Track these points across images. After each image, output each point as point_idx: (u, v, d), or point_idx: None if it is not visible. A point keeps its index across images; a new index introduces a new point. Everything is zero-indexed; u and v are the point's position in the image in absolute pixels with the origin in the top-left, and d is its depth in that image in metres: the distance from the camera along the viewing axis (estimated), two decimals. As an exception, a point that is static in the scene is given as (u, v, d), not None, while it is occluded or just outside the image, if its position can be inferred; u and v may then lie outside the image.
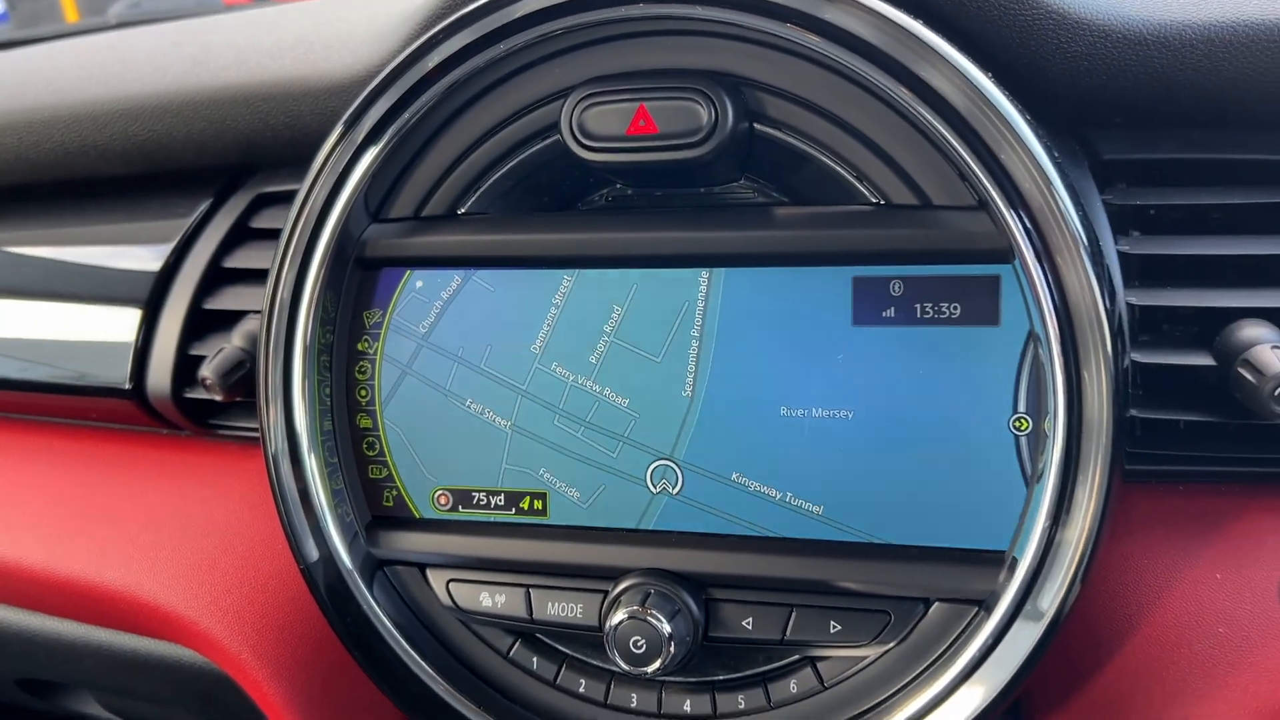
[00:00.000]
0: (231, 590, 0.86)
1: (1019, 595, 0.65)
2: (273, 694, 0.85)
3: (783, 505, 0.72)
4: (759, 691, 0.73)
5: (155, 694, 1.09)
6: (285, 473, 0.78)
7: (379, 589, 0.78)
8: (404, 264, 0.77)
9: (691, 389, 0.72)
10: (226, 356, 0.87)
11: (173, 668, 1.02)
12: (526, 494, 0.76)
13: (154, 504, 0.93)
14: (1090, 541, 0.63)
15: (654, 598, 0.70)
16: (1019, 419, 0.67)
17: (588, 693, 0.76)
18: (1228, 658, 0.67)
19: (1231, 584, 0.69)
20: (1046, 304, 0.63)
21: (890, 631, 0.69)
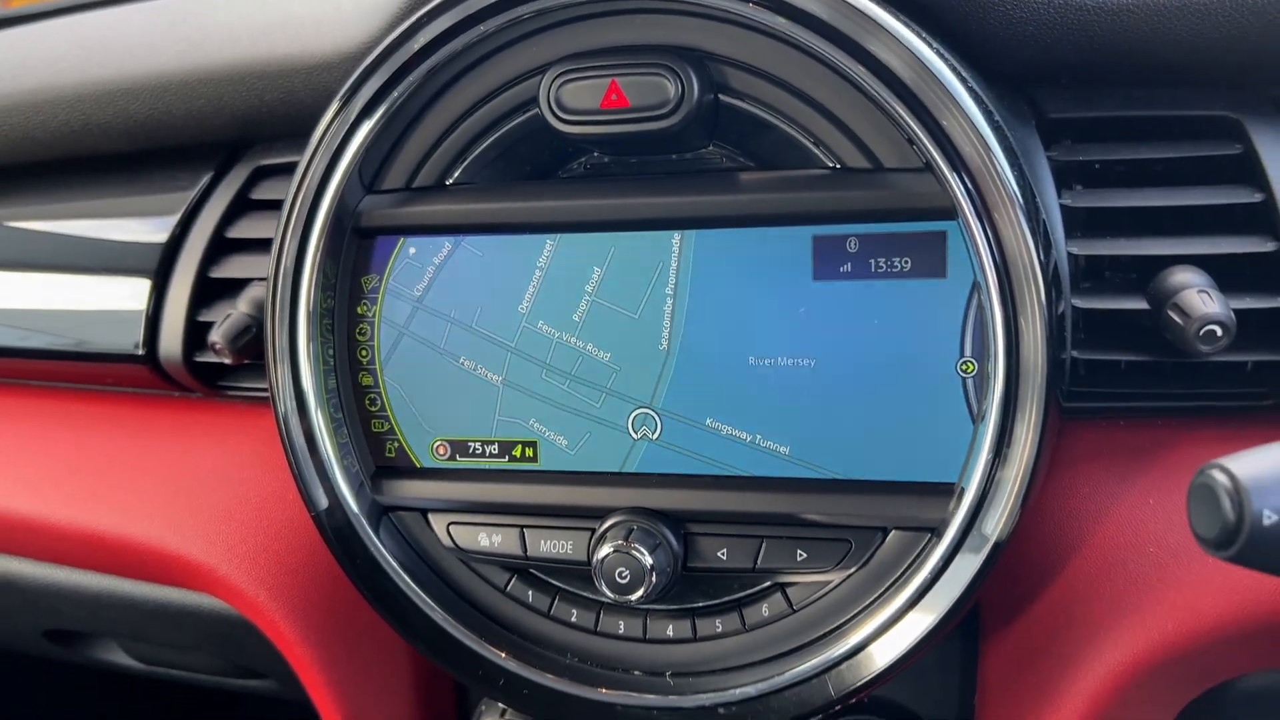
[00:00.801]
0: (247, 539, 0.93)
1: (966, 522, 0.71)
2: (289, 632, 0.92)
3: (753, 447, 0.78)
4: (735, 615, 0.80)
5: (179, 640, 1.17)
6: (294, 427, 0.84)
7: (385, 533, 0.84)
8: (398, 232, 0.83)
9: (667, 342, 0.78)
10: (234, 322, 0.93)
11: (194, 614, 1.09)
12: (518, 443, 0.83)
13: (170, 461, 0.99)
14: (1028, 472, 0.70)
15: (637, 533, 0.76)
16: (965, 362, 0.73)
17: (579, 622, 0.83)
18: (1159, 574, 0.74)
19: (1163, 509, 0.76)
20: (986, 257, 0.69)
21: (852, 558, 0.76)
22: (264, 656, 1.10)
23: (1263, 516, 0.52)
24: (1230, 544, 0.53)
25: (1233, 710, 0.88)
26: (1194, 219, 0.77)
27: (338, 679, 0.94)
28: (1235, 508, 0.52)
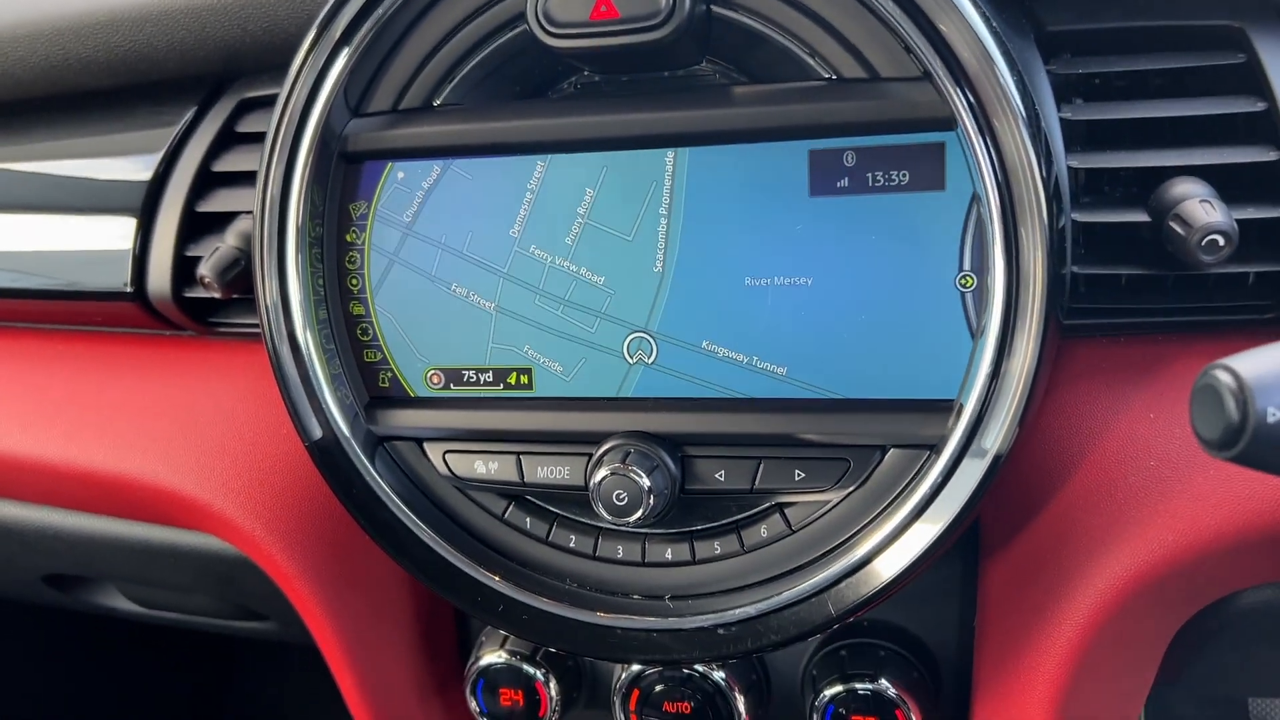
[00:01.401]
0: (242, 474, 0.92)
1: (965, 437, 0.71)
2: (286, 567, 0.92)
3: (749, 368, 0.77)
4: (733, 537, 0.79)
5: (177, 581, 1.17)
6: (286, 359, 0.83)
7: (380, 463, 0.84)
8: (385, 156, 0.81)
9: (662, 264, 0.77)
10: (223, 255, 0.92)
11: (192, 554, 1.09)
12: (513, 370, 0.82)
13: (163, 399, 0.98)
14: (1028, 386, 0.69)
15: (634, 456, 0.76)
16: (964, 277, 0.72)
17: (577, 547, 0.82)
18: (1159, 487, 0.74)
19: (1163, 423, 0.75)
20: (986, 168, 0.68)
21: (850, 477, 0.75)
22: (264, 596, 1.10)
23: (1267, 414, 0.51)
24: (1233, 444, 0.52)
25: (1231, 628, 0.88)
26: (1196, 130, 0.76)
27: (337, 613, 0.94)
28: (1239, 407, 0.51)
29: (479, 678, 0.94)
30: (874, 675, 0.86)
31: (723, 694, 0.88)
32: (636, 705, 0.90)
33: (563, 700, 0.94)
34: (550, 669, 0.93)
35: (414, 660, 1.00)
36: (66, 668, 1.96)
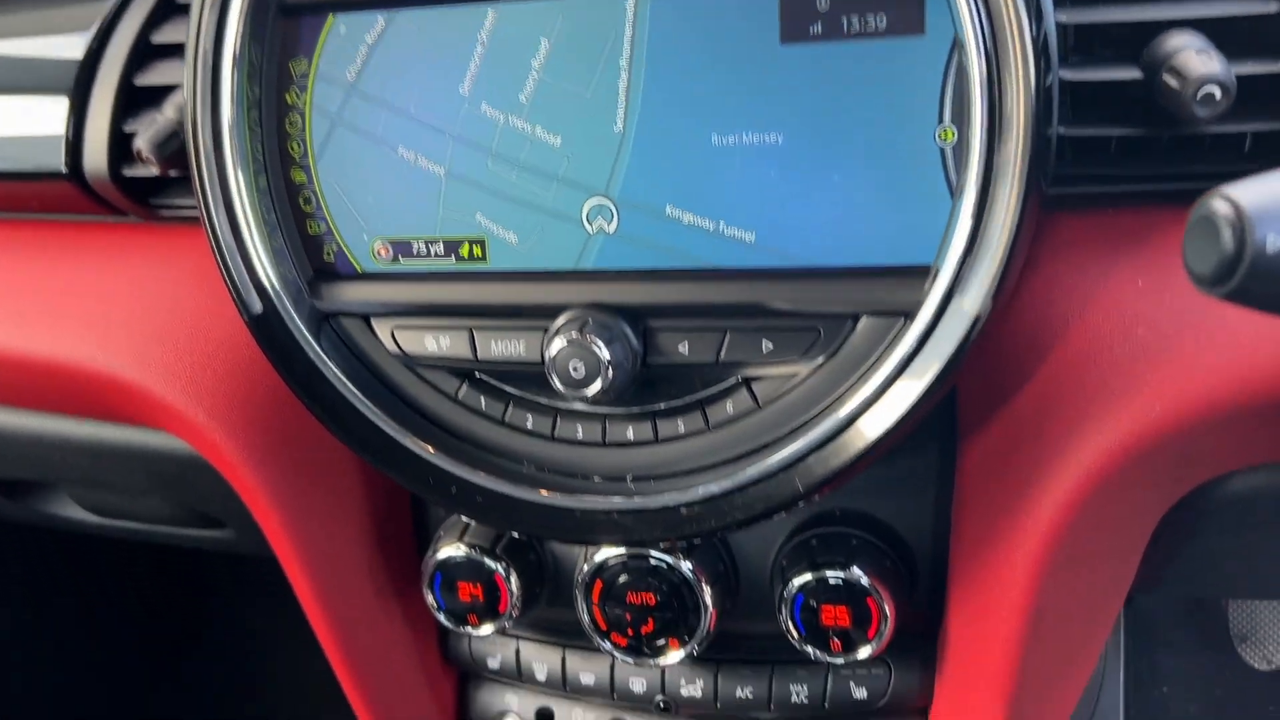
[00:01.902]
0: (183, 358, 0.88)
1: (942, 300, 0.67)
2: (231, 455, 0.87)
3: (716, 236, 0.73)
4: (697, 415, 0.75)
5: (127, 483, 1.12)
6: (223, 231, 0.78)
7: (326, 341, 0.79)
8: (325, 8, 0.75)
9: (623, 123, 0.72)
10: (160, 127, 0.86)
11: (140, 453, 1.05)
12: (465, 240, 0.77)
13: (103, 284, 0.93)
14: (1008, 246, 0.65)
15: (592, 326, 0.71)
16: (944, 130, 0.67)
17: (535, 428, 0.78)
18: (1147, 356, 0.70)
19: (1152, 290, 0.71)
20: (969, 7, 0.63)
21: (820, 347, 0.71)
22: (217, 499, 1.06)
23: (1266, 244, 0.47)
24: (1228, 277, 0.48)
25: (1220, 515, 0.85)
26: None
27: (288, 505, 0.90)
28: (1236, 236, 0.47)
29: (436, 571, 0.91)
30: (845, 563, 0.82)
31: (689, 585, 0.85)
32: (599, 598, 0.87)
33: (524, 595, 0.90)
34: (511, 563, 0.90)
35: (370, 558, 0.97)
36: (39, 595, 1.94)
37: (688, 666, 0.95)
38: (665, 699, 0.95)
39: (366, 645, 0.99)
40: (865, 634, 0.83)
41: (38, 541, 1.85)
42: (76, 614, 2.06)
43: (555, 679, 0.98)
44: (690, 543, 0.86)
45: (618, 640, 0.88)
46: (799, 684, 0.93)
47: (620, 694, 0.96)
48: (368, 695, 1.01)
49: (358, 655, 0.99)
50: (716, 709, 0.94)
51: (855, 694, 0.92)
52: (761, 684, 0.93)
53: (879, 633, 0.83)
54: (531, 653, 0.99)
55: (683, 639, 0.86)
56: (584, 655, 0.97)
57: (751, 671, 0.93)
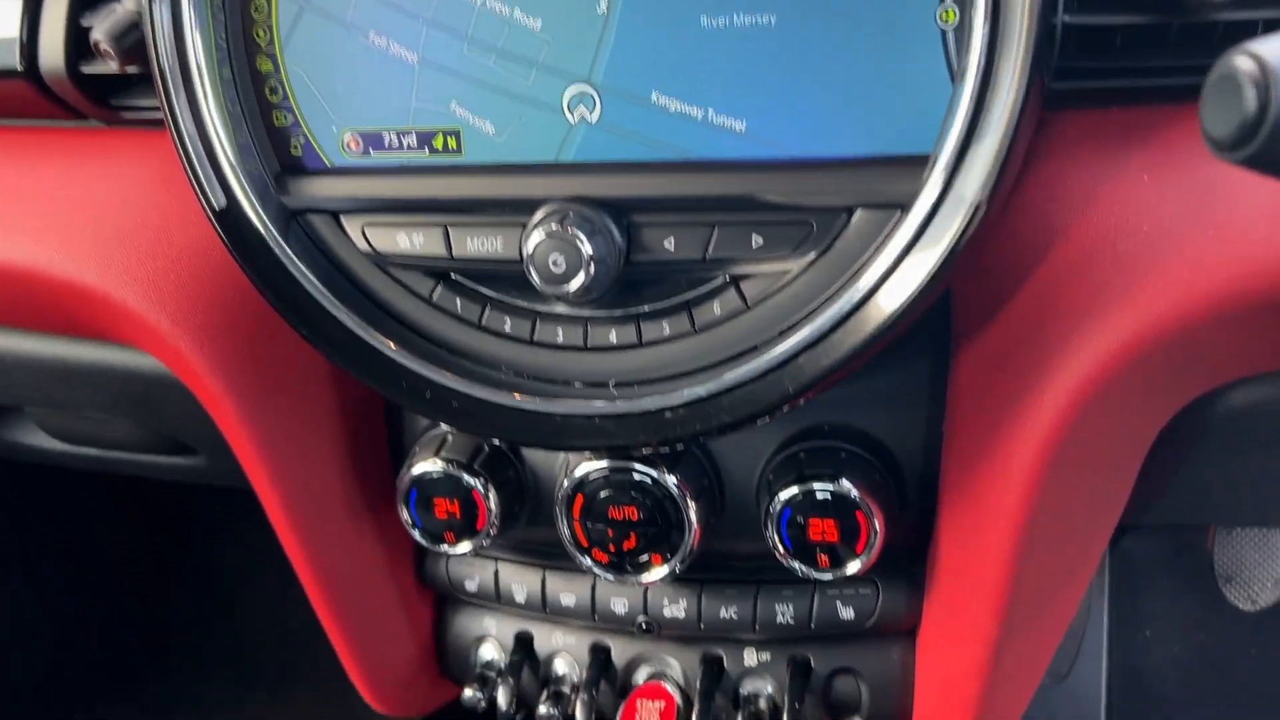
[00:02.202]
0: (145, 261, 0.84)
1: (940, 190, 0.63)
2: (196, 363, 0.84)
3: (704, 125, 0.69)
4: (683, 317, 0.72)
5: (94, 404, 1.09)
6: (186, 124, 0.74)
7: (294, 239, 0.75)
8: (291, -120, 0.71)
9: (606, 4, 0.68)
10: (119, 17, 0.81)
11: (106, 372, 1.01)
12: (439, 131, 0.73)
13: (62, 187, 0.89)
14: (1010, 130, 0.62)
15: (573, 218, 0.68)
16: (945, 11, 0.64)
17: (513, 331, 0.75)
18: (1151, 253, 0.67)
19: (1158, 186, 0.68)
20: None
21: (813, 241, 0.68)
22: (185, 420, 1.03)
23: (1291, 104, 0.44)
24: (1249, 140, 0.45)
25: (1219, 431, 0.83)
26: None
27: (256, 418, 0.87)
28: (1260, 94, 0.44)
29: (411, 488, 0.88)
30: (834, 476, 0.80)
31: (673, 499, 0.82)
32: (580, 513, 0.84)
33: (502, 513, 0.88)
34: (489, 478, 0.87)
35: (344, 475, 0.94)
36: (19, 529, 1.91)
37: (670, 587, 0.92)
38: (647, 620, 0.93)
39: (341, 568, 0.97)
40: (853, 549, 0.81)
41: (13, 479, 1.82)
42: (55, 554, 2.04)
43: (535, 600, 0.96)
44: (674, 455, 0.83)
45: (599, 557, 0.85)
46: (784, 604, 0.90)
47: (601, 615, 0.94)
48: (343, 621, 0.99)
49: (332, 579, 0.97)
50: (700, 630, 0.92)
51: (842, 614, 0.90)
52: (746, 604, 0.91)
53: (868, 547, 0.80)
54: (510, 574, 0.97)
55: (666, 555, 0.84)
56: (564, 576, 0.95)
57: (736, 592, 0.91)
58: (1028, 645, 0.89)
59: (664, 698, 0.93)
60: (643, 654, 0.97)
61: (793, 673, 0.93)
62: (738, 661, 0.94)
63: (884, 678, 0.93)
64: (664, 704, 0.93)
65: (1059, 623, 0.93)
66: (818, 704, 0.93)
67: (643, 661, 0.97)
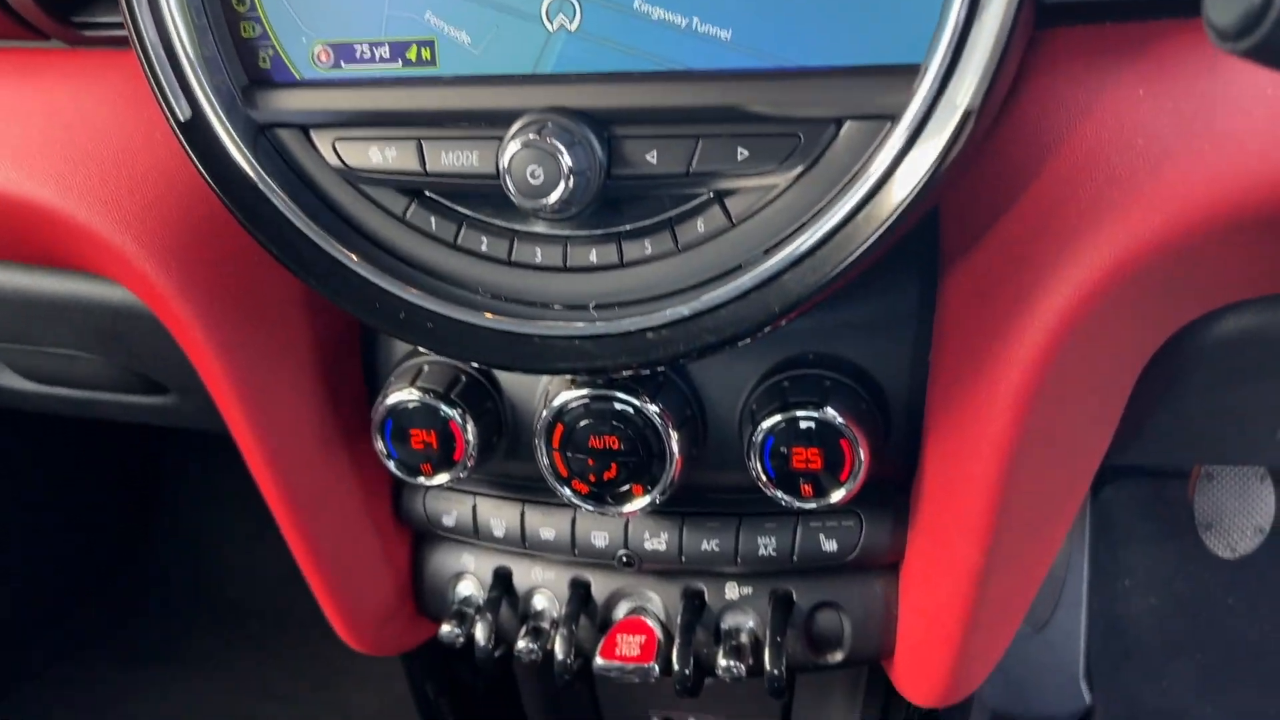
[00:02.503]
0: (109, 182, 0.81)
1: (930, 98, 0.61)
2: (162, 285, 0.81)
3: (689, 33, 0.66)
4: (666, 235, 0.70)
5: (60, 338, 1.06)
6: (150, 36, 0.71)
7: (262, 155, 0.73)
8: None
9: (587, -94, 0.66)
10: (77, -73, 0.78)
11: (73, 304, 0.98)
12: (413, 42, 0.70)
13: (20, 107, 0.86)
14: (1004, 34, 0.60)
15: (551, 128, 0.66)
16: (938, -88, 0.62)
17: (490, 251, 0.73)
18: (1146, 166, 0.65)
19: (1154, 99, 0.66)
20: None
21: (799, 155, 0.66)
22: (155, 355, 1.01)
23: (1302, -13, 0.42)
24: (1253, 28, 0.43)
25: (1202, 364, 0.81)
26: None
27: (225, 343, 0.84)
28: (1265, -18, 0.42)
29: (387, 418, 0.86)
30: (819, 404, 0.78)
31: (654, 428, 0.81)
32: (560, 443, 0.82)
33: (480, 444, 0.86)
34: (467, 409, 0.85)
35: (318, 405, 0.91)
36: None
37: (651, 520, 0.91)
38: (628, 553, 0.92)
39: (316, 504, 0.95)
40: (837, 478, 0.79)
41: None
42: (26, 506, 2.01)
43: (514, 535, 0.94)
44: (656, 384, 0.82)
45: (579, 488, 0.84)
46: (766, 537, 0.89)
47: (581, 549, 0.93)
48: (318, 558, 0.97)
49: (307, 516, 0.95)
50: (681, 563, 0.91)
51: (825, 546, 0.89)
52: (728, 537, 0.89)
53: (852, 476, 0.79)
54: (489, 509, 0.95)
55: (647, 485, 0.82)
56: (544, 510, 0.93)
57: (718, 524, 0.90)
58: (1012, 581, 0.88)
59: (644, 632, 0.92)
60: (623, 589, 0.96)
61: (774, 607, 0.92)
62: (719, 595, 0.93)
63: (866, 612, 0.92)
64: (644, 638, 0.92)
65: (1042, 560, 0.92)
66: (799, 638, 0.93)
67: (623, 596, 0.96)
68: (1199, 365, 0.82)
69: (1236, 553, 1.78)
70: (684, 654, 0.90)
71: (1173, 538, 1.90)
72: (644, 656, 0.91)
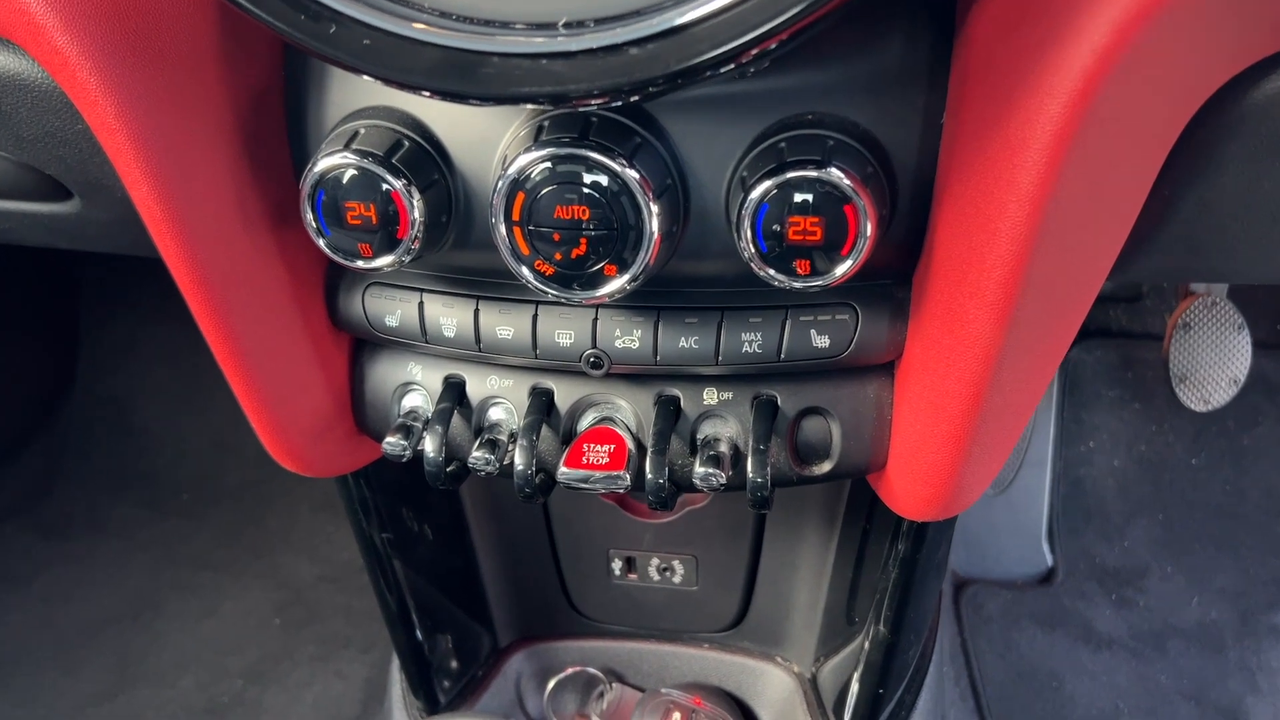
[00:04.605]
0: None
1: None
2: (42, 18, 0.68)
3: None
4: (652, -69, 0.58)
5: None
6: None
7: None
8: None
9: None
10: None
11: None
12: None
13: None
14: None
15: None
16: None
17: (439, -44, 0.60)
18: None
19: None
20: None
21: None
22: (52, 140, 0.87)
23: None
24: None
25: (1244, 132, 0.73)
26: None
27: (121, 89, 0.71)
28: None
29: (318, 188, 0.74)
30: (821, 163, 0.68)
31: (631, 196, 0.70)
32: (521, 215, 0.71)
33: (428, 221, 0.74)
34: (412, 179, 0.73)
35: (235, 172, 0.79)
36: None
37: (622, 315, 0.81)
38: (596, 353, 0.82)
39: (240, 300, 0.83)
40: (839, 252, 0.70)
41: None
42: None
43: (467, 336, 0.84)
44: (633, 144, 0.71)
45: (542, 269, 0.73)
46: (751, 332, 0.80)
47: (544, 350, 0.82)
48: (244, 363, 0.85)
49: (230, 313, 0.83)
50: (655, 364, 0.81)
51: (816, 342, 0.80)
52: (708, 333, 0.80)
53: (855, 250, 0.69)
54: (438, 307, 0.84)
55: (621, 263, 0.72)
56: (501, 307, 0.83)
57: (697, 320, 0.80)
58: (1019, 384, 0.80)
59: (614, 440, 0.83)
60: (589, 397, 0.86)
61: (757, 413, 0.83)
62: (696, 402, 0.84)
63: (857, 419, 0.84)
64: (614, 446, 0.83)
65: (1048, 367, 0.84)
66: (783, 448, 0.84)
67: (589, 405, 0.87)
68: (1234, 134, 0.73)
69: (1210, 405, 1.75)
70: (658, 462, 0.81)
71: (1138, 400, 1.87)
72: (614, 465, 0.82)
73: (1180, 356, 1.74)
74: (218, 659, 1.75)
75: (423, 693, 1.27)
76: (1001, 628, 1.68)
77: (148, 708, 1.66)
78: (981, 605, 1.70)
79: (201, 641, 1.79)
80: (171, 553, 1.96)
